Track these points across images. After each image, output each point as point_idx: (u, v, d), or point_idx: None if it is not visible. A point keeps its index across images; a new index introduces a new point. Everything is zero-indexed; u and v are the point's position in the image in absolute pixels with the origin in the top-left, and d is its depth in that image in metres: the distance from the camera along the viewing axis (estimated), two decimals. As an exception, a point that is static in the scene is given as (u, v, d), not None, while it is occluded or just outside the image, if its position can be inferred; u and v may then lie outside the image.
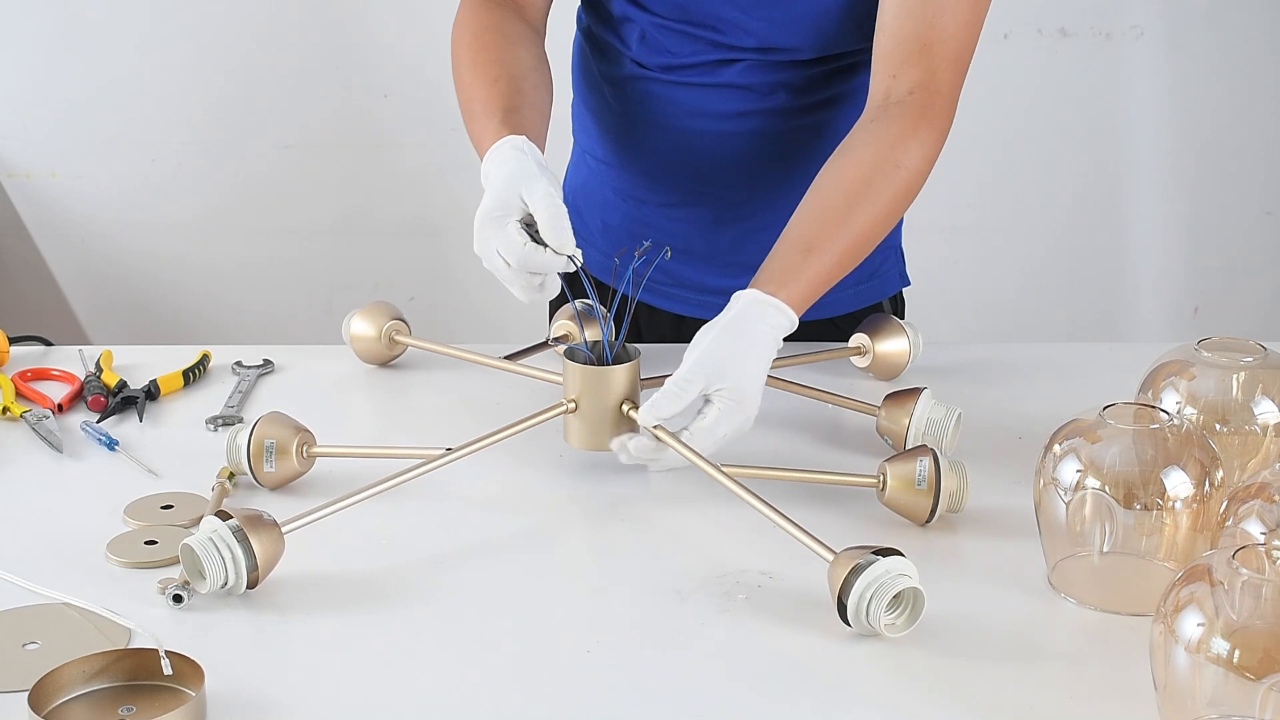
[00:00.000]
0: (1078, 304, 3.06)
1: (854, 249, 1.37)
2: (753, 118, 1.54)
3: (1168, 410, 1.17)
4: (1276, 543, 0.97)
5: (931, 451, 1.26)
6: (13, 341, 1.61)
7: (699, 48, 1.52)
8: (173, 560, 1.19)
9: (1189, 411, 1.25)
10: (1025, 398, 1.52)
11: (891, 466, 1.27)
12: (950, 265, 2.98)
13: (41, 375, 1.56)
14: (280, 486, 1.33)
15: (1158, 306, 3.07)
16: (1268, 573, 0.94)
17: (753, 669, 1.08)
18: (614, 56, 1.59)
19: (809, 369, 1.54)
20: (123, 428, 1.46)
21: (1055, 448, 1.16)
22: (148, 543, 1.23)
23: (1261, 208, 3.03)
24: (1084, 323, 3.06)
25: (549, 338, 1.25)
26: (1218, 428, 1.25)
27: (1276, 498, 1.07)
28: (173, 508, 1.29)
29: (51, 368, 1.57)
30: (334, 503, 1.21)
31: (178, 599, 1.14)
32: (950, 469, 1.26)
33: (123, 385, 1.51)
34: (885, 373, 1.55)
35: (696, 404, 1.27)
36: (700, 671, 1.08)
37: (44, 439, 1.42)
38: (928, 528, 1.26)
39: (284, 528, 1.17)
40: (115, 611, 1.11)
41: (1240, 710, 0.92)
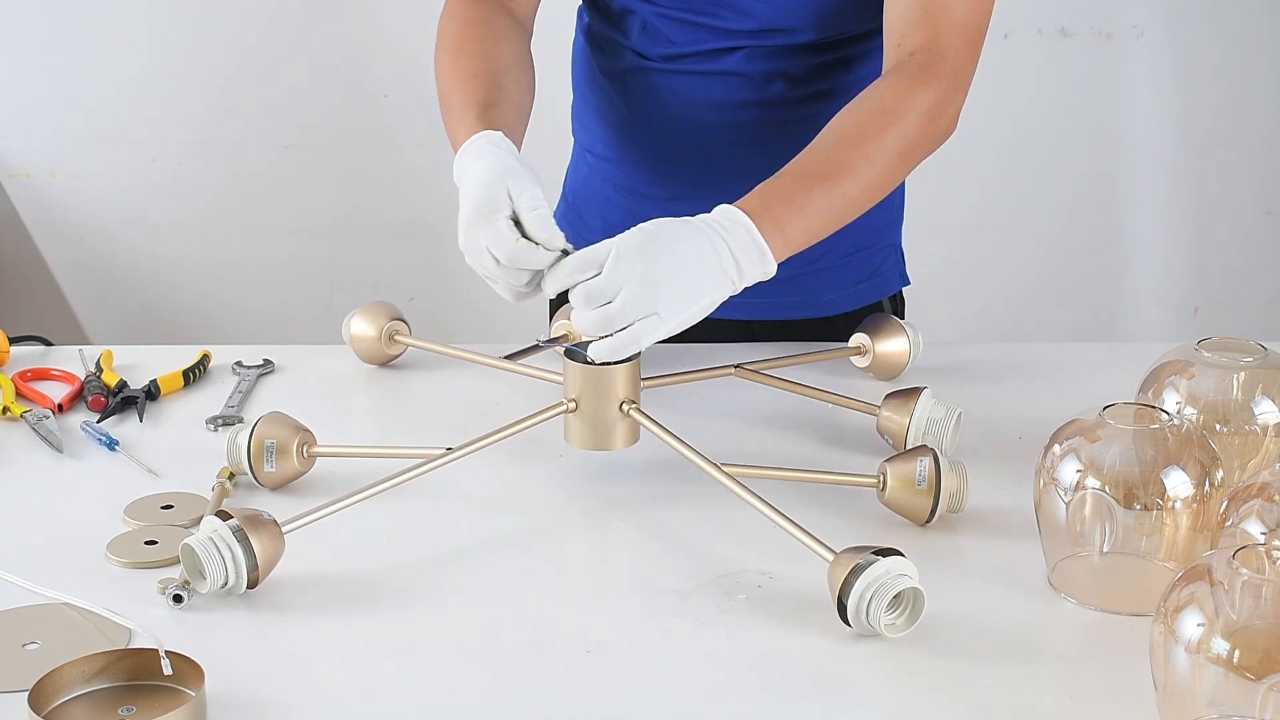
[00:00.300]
0: (1078, 304, 3.06)
1: (841, 191, 1.33)
2: (752, 108, 1.55)
3: (1168, 410, 1.17)
4: (1276, 543, 0.97)
5: (932, 451, 1.26)
6: (13, 341, 1.61)
7: (699, 35, 1.54)
8: (173, 560, 1.19)
9: (1189, 411, 1.25)
10: (1025, 398, 1.52)
11: (892, 466, 1.27)
12: (950, 265, 2.98)
13: (41, 375, 1.56)
14: (280, 486, 1.33)
15: (1158, 306, 3.07)
16: (1268, 573, 0.94)
17: (753, 669, 1.08)
18: (615, 50, 1.60)
19: (809, 369, 1.54)
20: (123, 428, 1.46)
21: (1055, 448, 1.16)
22: (148, 543, 1.23)
23: (1261, 208, 3.02)
24: (1084, 323, 3.06)
25: (539, 340, 1.24)
26: (1218, 428, 1.25)
27: (1276, 498, 1.07)
28: (173, 508, 1.29)
29: (51, 368, 1.57)
30: (334, 503, 1.21)
31: (178, 599, 1.14)
32: (950, 469, 1.26)
33: (123, 385, 1.51)
34: (885, 372, 1.55)
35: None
36: (700, 671, 1.08)
37: (44, 439, 1.42)
38: (928, 528, 1.26)
39: (284, 528, 1.17)
40: (115, 611, 1.10)
41: (1240, 710, 0.92)
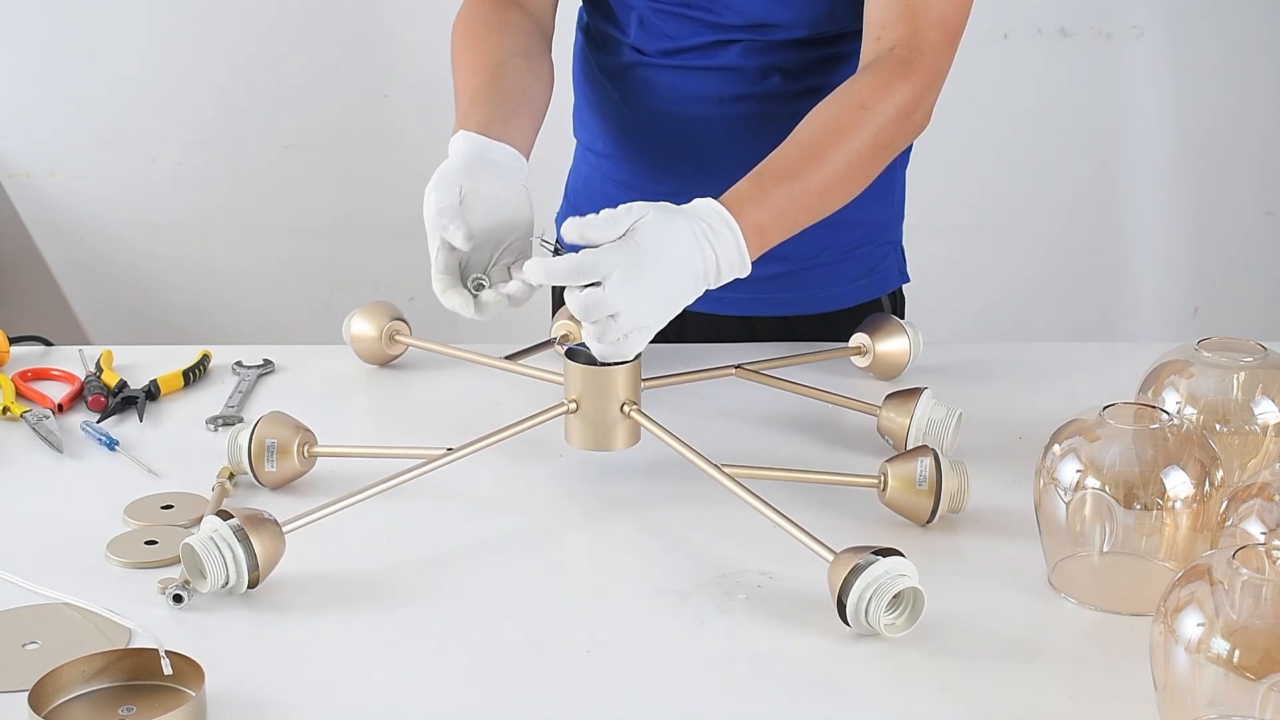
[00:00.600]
0: (1078, 304, 3.06)
1: (818, 189, 1.34)
2: (749, 102, 1.56)
3: (1168, 410, 1.17)
4: (1276, 543, 0.97)
5: (932, 451, 1.26)
6: (13, 341, 1.61)
7: (695, 29, 1.55)
8: (173, 560, 1.19)
9: (1189, 411, 1.25)
10: (1025, 398, 1.52)
11: (892, 466, 1.27)
12: (950, 265, 2.98)
13: (41, 375, 1.56)
14: (281, 486, 1.33)
15: (1158, 306, 3.07)
16: (1268, 573, 0.94)
17: (753, 669, 1.08)
18: (613, 47, 1.61)
19: (809, 369, 1.54)
20: (123, 428, 1.46)
21: (1055, 448, 1.16)
22: (148, 543, 1.23)
23: (1261, 208, 3.02)
24: (1084, 323, 3.05)
25: (552, 337, 1.25)
26: (1218, 428, 1.25)
27: (1276, 498, 1.07)
28: (173, 508, 1.29)
29: (51, 368, 1.57)
30: (335, 502, 1.21)
31: (178, 599, 1.14)
32: (951, 469, 1.26)
33: (123, 385, 1.51)
34: (886, 372, 1.55)
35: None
36: (700, 671, 1.08)
37: (44, 439, 1.42)
38: (928, 528, 1.26)
39: (285, 527, 1.17)
40: (115, 611, 1.10)
41: (1240, 710, 0.92)
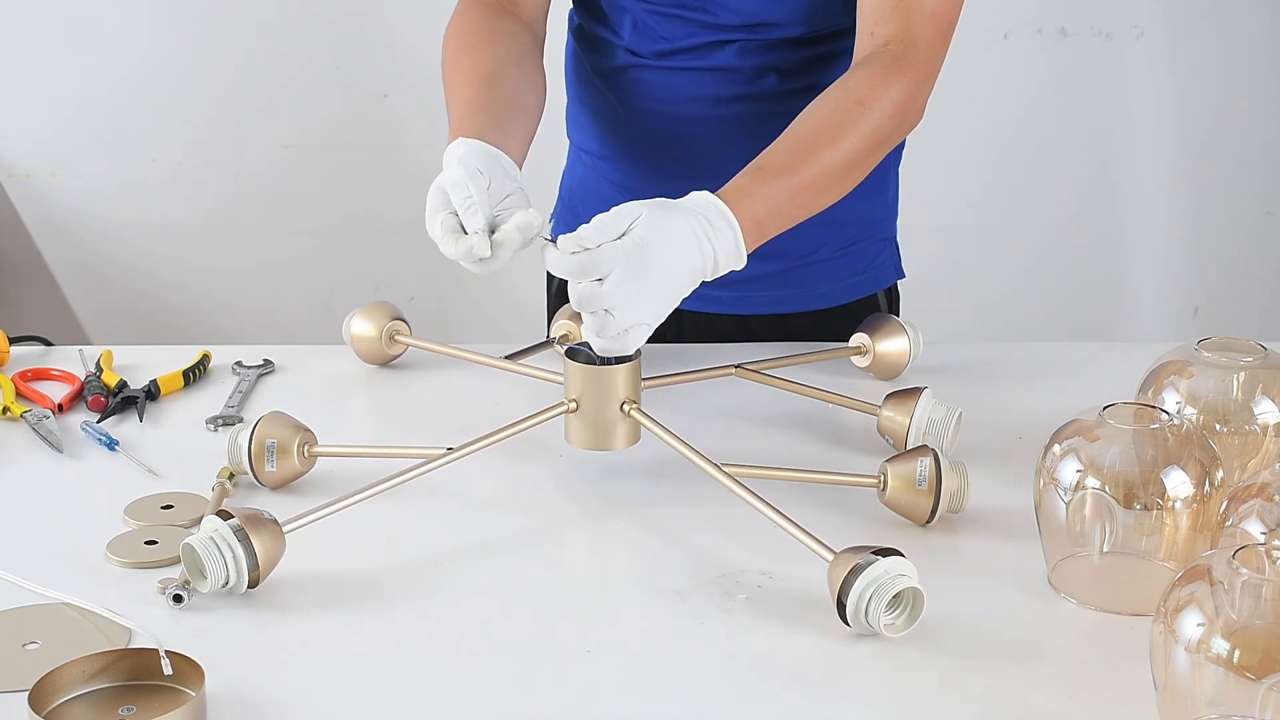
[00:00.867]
0: (1078, 304, 3.06)
1: (815, 185, 1.35)
2: (745, 102, 1.56)
3: (1168, 410, 1.17)
4: (1276, 543, 0.97)
5: (932, 451, 1.26)
6: (13, 341, 1.61)
7: (690, 30, 1.54)
8: (173, 560, 1.19)
9: (1189, 411, 1.25)
10: (1025, 398, 1.52)
11: (892, 466, 1.27)
12: (950, 264, 2.98)
13: (41, 375, 1.56)
14: (281, 486, 1.33)
15: (1158, 306, 3.07)
16: (1268, 573, 0.94)
17: (753, 669, 1.08)
18: (606, 49, 1.60)
19: (809, 369, 1.54)
20: (123, 428, 1.46)
21: (1055, 448, 1.16)
22: (148, 543, 1.23)
23: (1261, 208, 3.02)
24: (1084, 323, 3.05)
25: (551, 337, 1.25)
26: (1218, 428, 1.25)
27: (1276, 498, 1.07)
28: (173, 508, 1.29)
29: (51, 368, 1.57)
30: (335, 502, 1.21)
31: (178, 599, 1.14)
32: (951, 469, 1.26)
33: (123, 385, 1.51)
34: (886, 372, 1.55)
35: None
36: (700, 671, 1.08)
37: (44, 439, 1.42)
38: (928, 528, 1.26)
39: (285, 527, 1.17)
40: (115, 611, 1.11)
41: (1240, 710, 0.92)
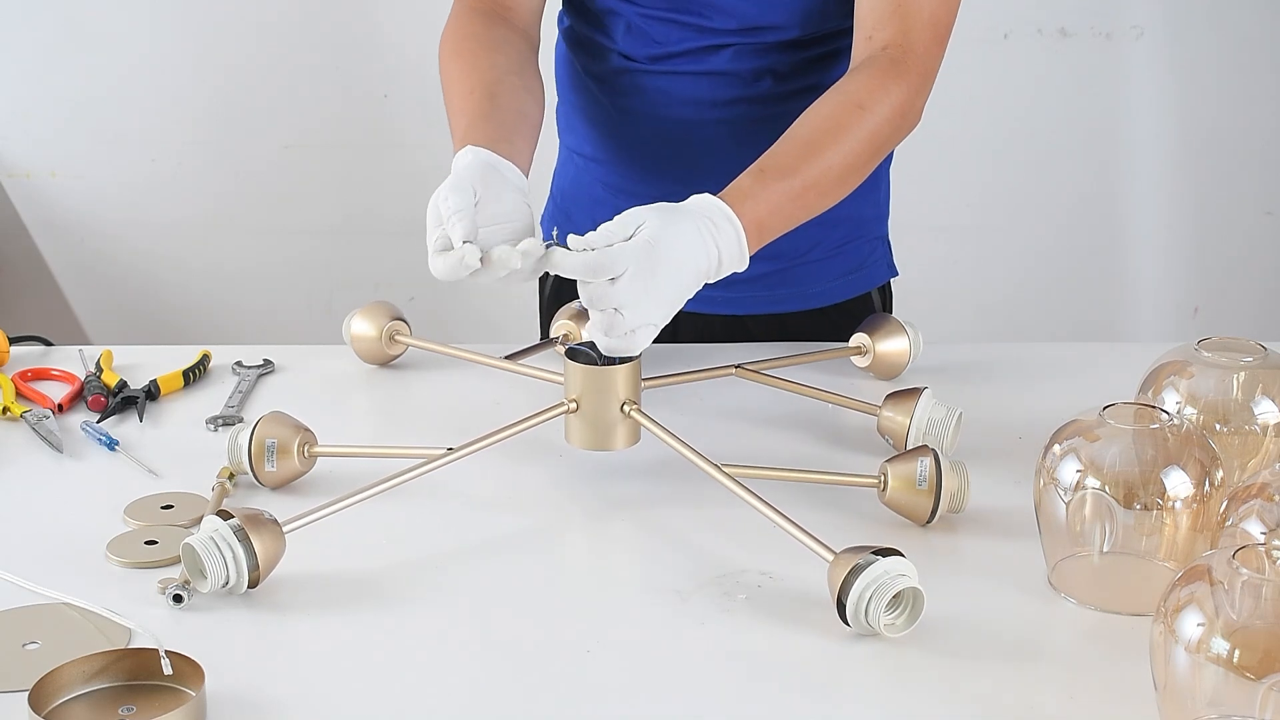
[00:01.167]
0: (1078, 304, 3.06)
1: (816, 187, 1.36)
2: (740, 105, 1.56)
3: (1168, 410, 1.17)
4: (1276, 543, 0.97)
5: (933, 451, 1.26)
6: (13, 341, 1.61)
7: (685, 34, 1.54)
8: (173, 560, 1.19)
9: (1189, 411, 1.25)
10: (1025, 398, 1.52)
11: (892, 466, 1.27)
12: (950, 265, 2.98)
13: (41, 375, 1.56)
14: (281, 486, 1.33)
15: (1158, 306, 3.07)
16: (1268, 573, 0.94)
17: (753, 669, 1.08)
18: (599, 52, 1.60)
19: (809, 369, 1.54)
20: (123, 428, 1.46)
21: (1055, 448, 1.16)
22: (148, 543, 1.23)
23: (1261, 208, 3.02)
24: (1084, 323, 3.06)
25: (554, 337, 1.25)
26: (1218, 428, 1.25)
27: (1276, 498, 1.07)
28: (173, 508, 1.29)
29: (51, 368, 1.57)
30: (335, 502, 1.21)
31: (178, 599, 1.14)
32: (951, 469, 1.26)
33: (123, 385, 1.51)
34: (886, 372, 1.55)
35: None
36: (700, 671, 1.08)
37: (44, 439, 1.42)
38: (928, 528, 1.26)
39: (285, 527, 1.17)
40: (115, 611, 1.11)
41: (1240, 710, 0.92)
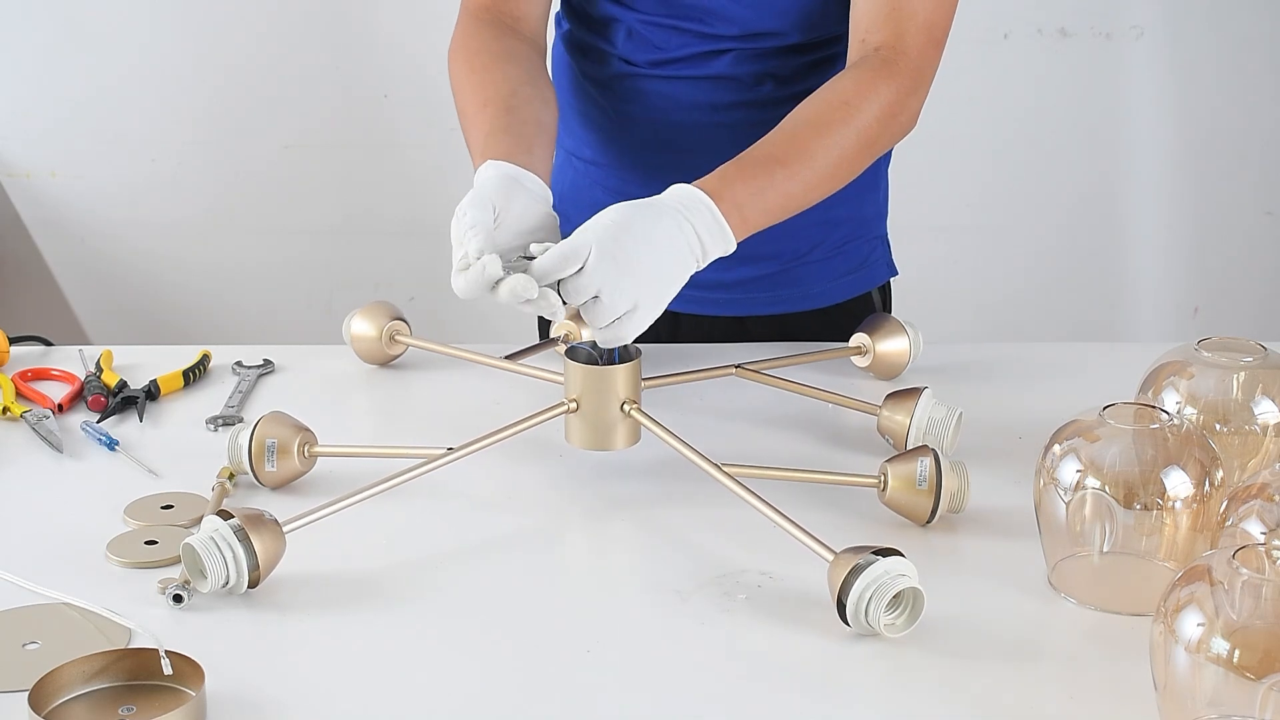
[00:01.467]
0: (1078, 304, 3.06)
1: (799, 178, 1.34)
2: (741, 109, 1.56)
3: (1168, 410, 1.17)
4: (1276, 543, 0.97)
5: (933, 451, 1.26)
6: (13, 341, 1.61)
7: (686, 40, 1.54)
8: (173, 560, 1.19)
9: (1189, 411, 1.25)
10: (1025, 398, 1.52)
11: (893, 466, 1.27)
12: (950, 264, 2.98)
13: (41, 375, 1.56)
14: (281, 486, 1.33)
15: (1158, 306, 3.07)
16: (1268, 573, 0.94)
17: (753, 669, 1.08)
18: (599, 57, 1.60)
19: (809, 369, 1.54)
20: (123, 428, 1.46)
21: (1055, 448, 1.16)
22: (148, 543, 1.23)
23: (1261, 208, 3.02)
24: (1084, 323, 3.06)
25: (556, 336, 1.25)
26: (1218, 428, 1.25)
27: (1276, 498, 1.07)
28: (173, 508, 1.29)
29: (51, 368, 1.57)
30: (335, 502, 1.22)
31: (178, 599, 1.14)
32: (951, 469, 1.26)
33: (123, 385, 1.51)
34: (886, 372, 1.55)
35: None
36: (700, 671, 1.08)
37: (44, 439, 1.42)
38: (928, 528, 1.26)
39: (285, 527, 1.17)
40: (115, 611, 1.11)
41: (1240, 710, 0.92)
